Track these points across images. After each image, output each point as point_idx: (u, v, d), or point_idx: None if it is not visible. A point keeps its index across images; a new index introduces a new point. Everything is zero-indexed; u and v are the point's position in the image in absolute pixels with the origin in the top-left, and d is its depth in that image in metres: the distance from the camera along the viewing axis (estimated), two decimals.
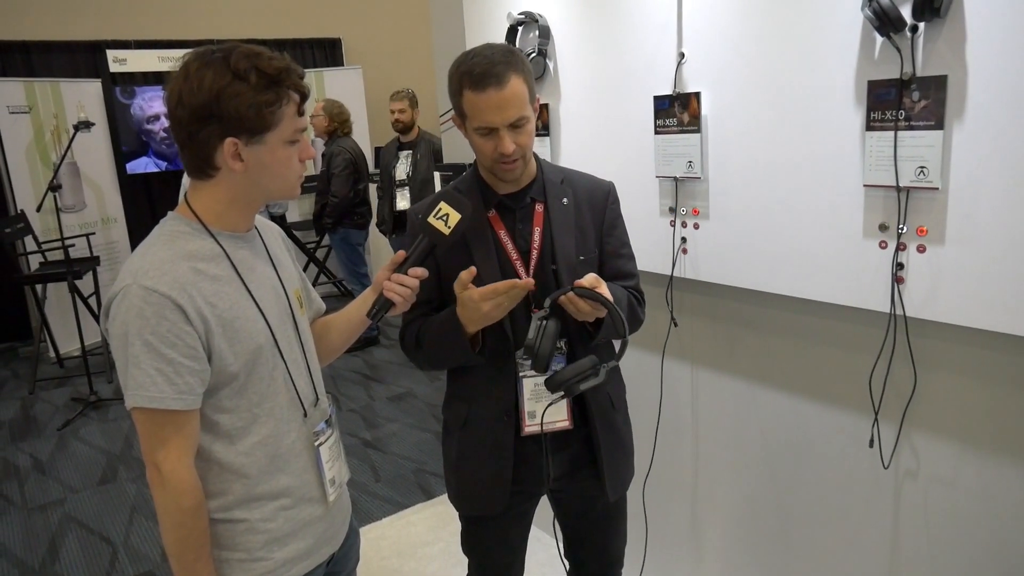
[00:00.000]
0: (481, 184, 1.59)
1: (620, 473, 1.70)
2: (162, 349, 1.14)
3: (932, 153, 1.43)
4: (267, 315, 1.28)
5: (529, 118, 1.47)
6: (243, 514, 1.27)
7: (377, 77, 7.42)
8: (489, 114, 1.43)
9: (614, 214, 1.66)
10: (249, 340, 1.24)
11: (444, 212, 1.41)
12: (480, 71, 1.41)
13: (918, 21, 1.39)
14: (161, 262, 1.17)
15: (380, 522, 3.16)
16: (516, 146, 1.46)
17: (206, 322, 1.18)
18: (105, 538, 3.21)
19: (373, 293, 1.45)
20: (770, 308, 1.90)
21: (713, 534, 2.23)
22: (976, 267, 1.42)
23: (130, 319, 1.14)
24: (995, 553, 1.56)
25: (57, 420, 4.58)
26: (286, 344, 1.32)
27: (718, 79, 1.82)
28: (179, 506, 1.19)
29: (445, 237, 1.41)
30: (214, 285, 1.21)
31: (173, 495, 1.18)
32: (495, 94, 1.41)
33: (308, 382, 1.37)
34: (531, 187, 1.59)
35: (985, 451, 1.54)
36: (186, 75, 1.17)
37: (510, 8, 2.32)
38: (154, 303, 1.14)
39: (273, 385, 1.29)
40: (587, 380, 1.39)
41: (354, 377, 4.94)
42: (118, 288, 1.17)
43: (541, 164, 1.63)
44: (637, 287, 1.68)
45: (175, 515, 1.19)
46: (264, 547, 1.29)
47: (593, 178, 1.68)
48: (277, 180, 1.25)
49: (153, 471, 1.19)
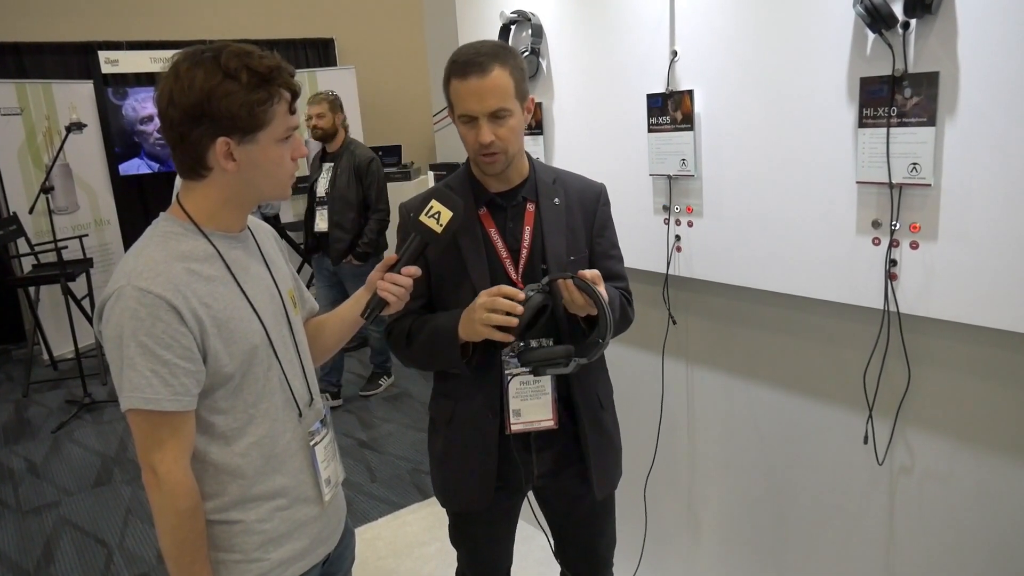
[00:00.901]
0: (473, 181, 1.60)
1: (609, 472, 1.70)
2: (157, 350, 1.14)
3: (924, 149, 1.43)
4: (261, 315, 1.28)
5: (512, 112, 1.47)
6: (239, 515, 1.26)
7: (370, 77, 7.42)
8: (469, 102, 1.46)
9: (605, 215, 1.66)
10: (244, 340, 1.24)
11: (436, 210, 1.39)
12: (465, 60, 1.45)
13: (909, 18, 1.39)
14: (155, 263, 1.17)
15: (376, 522, 3.15)
16: (496, 139, 1.47)
17: (201, 323, 1.18)
18: (100, 540, 3.20)
19: (366, 293, 1.44)
20: (764, 305, 1.90)
21: (708, 530, 2.23)
22: (969, 263, 1.43)
23: (124, 320, 1.13)
24: (990, 548, 1.56)
25: (51, 422, 4.56)
26: (281, 344, 1.32)
27: (711, 77, 1.82)
28: (176, 508, 1.18)
29: (438, 236, 1.40)
30: (208, 286, 1.21)
31: (169, 497, 1.17)
32: (475, 82, 1.44)
33: (303, 382, 1.37)
34: (523, 186, 1.59)
35: (979, 446, 1.54)
36: (176, 75, 1.16)
37: (503, 6, 2.32)
38: (148, 304, 1.13)
39: (268, 385, 1.29)
40: (556, 366, 1.43)
41: (349, 377, 4.93)
42: (112, 290, 1.16)
43: (534, 164, 1.63)
44: (627, 288, 1.69)
45: (171, 517, 1.19)
46: (260, 548, 1.28)
47: (585, 179, 1.68)
48: (270, 179, 1.25)
49: (149, 474, 1.18)
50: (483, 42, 1.50)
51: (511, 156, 1.52)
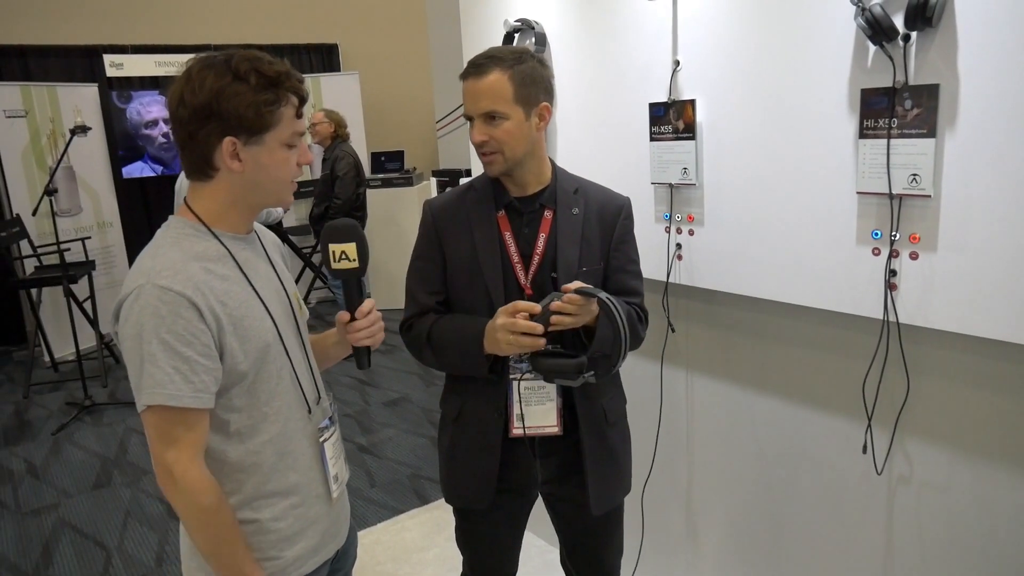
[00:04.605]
0: (495, 184, 1.62)
1: (608, 487, 1.68)
2: (179, 347, 1.15)
3: (924, 161, 1.44)
4: (272, 314, 1.31)
5: (507, 115, 1.49)
6: (254, 514, 1.28)
7: (374, 83, 7.44)
8: (466, 102, 1.54)
9: (624, 230, 1.66)
10: (258, 339, 1.26)
11: (340, 251, 1.38)
12: (471, 62, 1.52)
13: (910, 30, 1.40)
14: (173, 262, 1.19)
15: (375, 527, 3.15)
16: (491, 139, 1.51)
17: (219, 320, 1.20)
18: (99, 543, 3.20)
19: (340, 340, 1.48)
20: (764, 314, 1.91)
21: (707, 539, 2.23)
22: (968, 274, 1.43)
23: (145, 318, 1.15)
24: (988, 557, 1.57)
25: (51, 424, 4.57)
26: (290, 342, 1.35)
27: (713, 87, 1.83)
28: (199, 505, 1.19)
29: (358, 269, 1.40)
30: (224, 284, 1.23)
31: (189, 495, 1.19)
32: (472, 83, 1.51)
33: (310, 380, 1.40)
34: (542, 193, 1.61)
35: (978, 456, 1.55)
36: (188, 77, 1.20)
37: (507, 15, 2.33)
38: (169, 302, 1.15)
39: (281, 383, 1.31)
40: (564, 377, 1.45)
41: (349, 382, 4.93)
42: (130, 289, 1.17)
43: (557, 172, 1.64)
44: (641, 305, 1.68)
45: (197, 515, 1.20)
46: (275, 546, 1.30)
47: (609, 192, 1.68)
48: (274, 181, 1.27)
49: (165, 475, 1.19)
50: (501, 47, 1.55)
51: (510, 158, 1.54)
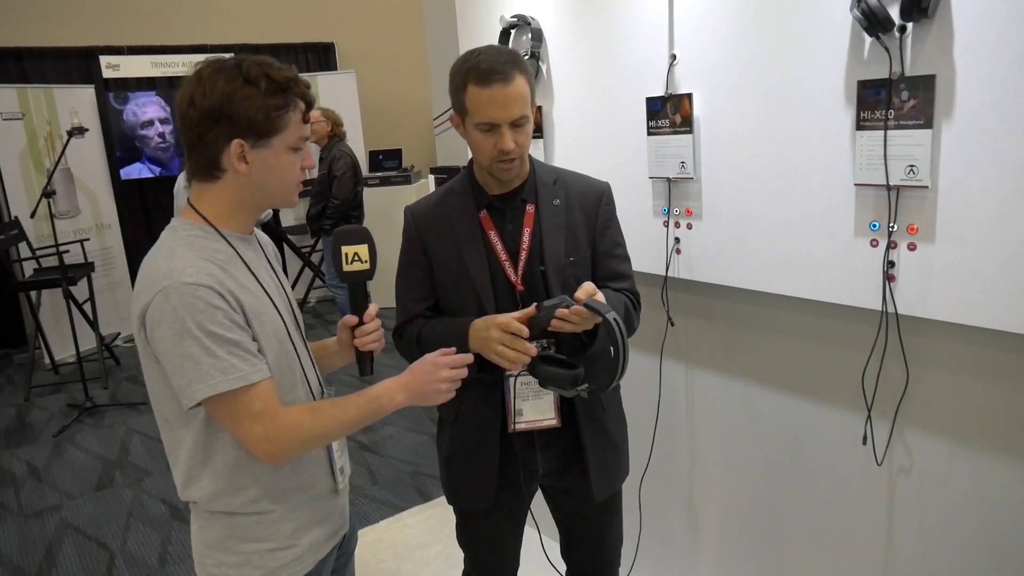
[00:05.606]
0: (474, 184, 1.61)
1: (609, 473, 1.70)
2: (225, 334, 1.18)
3: (921, 152, 1.44)
4: (281, 311, 1.33)
5: (529, 118, 1.50)
6: (272, 505, 1.31)
7: (371, 82, 7.43)
8: (493, 109, 1.45)
9: (607, 215, 1.66)
10: (272, 335, 1.29)
11: (353, 253, 1.43)
12: (487, 67, 1.44)
13: (906, 21, 1.41)
14: (192, 260, 1.20)
15: (377, 525, 3.16)
16: (516, 145, 1.48)
17: (244, 311, 1.23)
18: (102, 544, 3.20)
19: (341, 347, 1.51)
20: (763, 307, 1.91)
21: (707, 531, 2.24)
22: (966, 264, 1.44)
23: (184, 315, 1.16)
24: (988, 548, 1.57)
25: (53, 426, 4.57)
26: (297, 338, 1.38)
27: (710, 80, 1.83)
28: (312, 433, 1.25)
29: (369, 270, 1.44)
30: (237, 283, 1.25)
31: (299, 438, 1.24)
32: (501, 90, 1.44)
33: (315, 377, 1.43)
34: (522, 188, 1.61)
35: (978, 447, 1.55)
36: (199, 79, 1.21)
37: (503, 11, 2.33)
38: (202, 296, 1.17)
39: (293, 378, 1.34)
40: (559, 387, 1.46)
41: (349, 380, 4.93)
42: (153, 292, 1.17)
43: (534, 164, 1.64)
44: (632, 288, 1.68)
45: (323, 435, 1.27)
46: (292, 535, 1.33)
47: (587, 179, 1.69)
48: (279, 184, 1.29)
49: (268, 448, 1.22)
50: (496, 47, 1.51)
51: (524, 161, 1.56)
